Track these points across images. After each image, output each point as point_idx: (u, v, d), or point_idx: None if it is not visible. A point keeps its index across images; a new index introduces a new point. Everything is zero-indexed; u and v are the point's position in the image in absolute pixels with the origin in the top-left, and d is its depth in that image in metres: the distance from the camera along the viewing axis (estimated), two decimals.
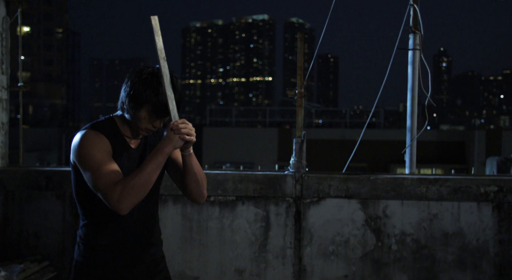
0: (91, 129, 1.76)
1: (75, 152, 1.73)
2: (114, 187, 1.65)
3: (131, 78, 1.75)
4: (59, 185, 3.10)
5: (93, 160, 1.69)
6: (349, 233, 3.00)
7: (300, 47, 3.08)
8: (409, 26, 3.07)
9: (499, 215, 2.91)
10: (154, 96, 1.71)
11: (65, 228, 3.11)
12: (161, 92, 1.70)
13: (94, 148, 1.70)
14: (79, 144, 1.73)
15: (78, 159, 1.72)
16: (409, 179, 2.94)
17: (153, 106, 1.72)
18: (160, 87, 1.71)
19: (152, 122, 1.76)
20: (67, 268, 3.10)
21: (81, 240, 1.83)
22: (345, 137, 19.23)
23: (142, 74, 1.74)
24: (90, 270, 1.80)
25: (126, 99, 1.75)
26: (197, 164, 1.85)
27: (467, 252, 2.92)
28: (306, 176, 3.02)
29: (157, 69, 1.75)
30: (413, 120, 3.10)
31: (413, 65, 3.06)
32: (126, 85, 1.76)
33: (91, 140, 1.72)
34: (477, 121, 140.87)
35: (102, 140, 1.74)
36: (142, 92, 1.71)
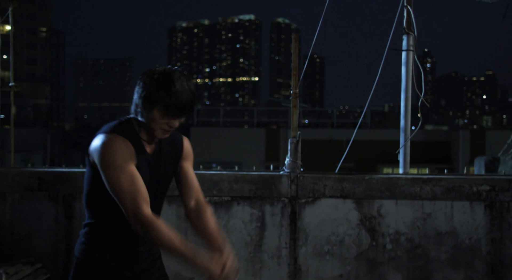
0: (116, 135, 1.73)
1: (100, 157, 1.71)
2: (142, 210, 1.67)
3: (143, 80, 1.75)
4: (52, 186, 3.06)
5: (121, 171, 1.68)
6: (344, 232, 3.02)
7: (295, 48, 3.09)
8: (403, 27, 3.10)
9: (491, 214, 2.95)
10: (167, 96, 1.70)
11: (58, 230, 3.07)
12: (173, 91, 1.69)
13: (122, 157, 1.69)
14: (105, 149, 1.70)
15: (102, 164, 1.70)
16: (403, 178, 2.97)
17: (165, 106, 1.71)
18: (172, 86, 1.70)
19: (167, 122, 1.75)
20: (60, 270, 3.06)
21: (84, 239, 1.83)
22: (332, 137, 19.34)
23: (153, 74, 1.73)
24: (91, 268, 1.80)
25: (139, 101, 1.74)
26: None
27: (460, 250, 2.96)
28: (301, 176, 3.03)
29: (169, 70, 1.74)
30: (407, 120, 3.13)
31: (406, 66, 3.09)
32: (139, 87, 1.76)
33: (118, 148, 1.70)
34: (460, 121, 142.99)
35: (128, 148, 1.72)
36: (154, 93, 1.70)
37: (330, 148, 18.79)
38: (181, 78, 1.72)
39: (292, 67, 3.14)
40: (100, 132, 1.78)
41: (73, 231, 3.07)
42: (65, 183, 3.05)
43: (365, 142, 18.58)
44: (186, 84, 1.72)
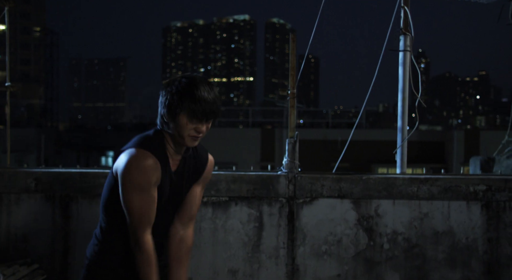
0: (147, 153, 1.72)
1: (123, 173, 1.72)
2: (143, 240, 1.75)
3: (166, 89, 1.75)
4: (49, 186, 3.04)
5: (140, 193, 1.71)
6: (341, 232, 3.03)
7: (292, 48, 3.10)
8: (400, 28, 3.12)
9: (488, 213, 2.97)
10: (191, 99, 1.70)
11: (55, 230, 3.06)
12: (197, 94, 1.70)
13: (146, 180, 1.71)
14: (132, 169, 1.70)
15: (125, 180, 1.72)
16: (401, 178, 2.98)
17: (191, 109, 1.70)
18: (195, 89, 1.70)
19: (195, 127, 1.74)
20: (57, 271, 3.05)
21: (98, 242, 1.85)
22: (327, 137, 19.38)
23: (175, 81, 1.74)
24: (103, 271, 1.82)
25: (164, 110, 1.74)
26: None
27: (457, 250, 2.98)
28: (299, 176, 3.03)
29: (189, 75, 1.75)
30: (404, 121, 3.14)
31: (404, 67, 3.10)
32: (162, 96, 1.76)
33: (145, 170, 1.70)
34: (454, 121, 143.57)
35: (154, 170, 1.72)
36: (178, 98, 1.71)
37: (325, 148, 18.83)
38: (202, 81, 1.73)
39: (289, 68, 3.14)
40: (130, 145, 1.76)
41: (70, 232, 3.05)
42: (62, 183, 3.03)
43: (360, 142, 18.63)
44: (208, 87, 1.73)
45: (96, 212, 3.04)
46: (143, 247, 1.74)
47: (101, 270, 1.82)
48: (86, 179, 3.03)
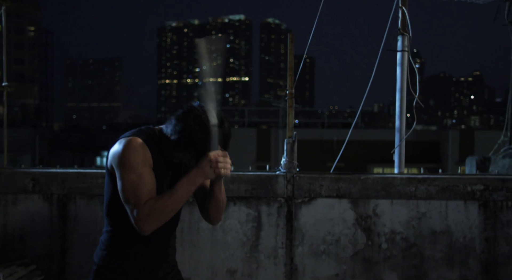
0: (136, 137, 1.74)
1: (116, 158, 1.73)
2: (143, 208, 1.65)
3: (185, 120, 1.71)
4: (47, 186, 3.03)
5: (133, 171, 1.69)
6: (340, 232, 3.03)
7: (291, 48, 3.10)
8: (398, 28, 3.12)
9: (485, 213, 2.98)
10: (201, 147, 1.69)
11: (53, 231, 3.04)
12: (207, 143, 1.68)
13: (137, 158, 1.70)
14: (122, 151, 1.72)
15: (118, 165, 1.71)
16: (399, 178, 2.99)
17: (196, 152, 1.71)
18: (207, 143, 1.67)
19: (188, 161, 1.77)
20: (54, 272, 3.04)
21: (104, 246, 1.83)
22: (323, 137, 19.40)
23: (193, 122, 1.70)
24: (112, 274, 1.80)
25: (173, 136, 1.73)
26: (223, 192, 1.86)
27: (455, 249, 2.99)
28: (297, 176, 3.03)
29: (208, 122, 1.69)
30: (402, 120, 3.15)
31: (401, 67, 3.11)
32: (179, 123, 1.71)
33: (134, 148, 1.71)
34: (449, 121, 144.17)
35: (145, 151, 1.73)
36: (191, 140, 1.69)
37: (321, 148, 18.85)
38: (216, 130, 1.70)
39: (287, 68, 3.14)
40: (120, 137, 1.79)
41: (68, 232, 3.04)
42: (60, 183, 3.02)
43: (356, 142, 18.65)
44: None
45: (94, 212, 3.03)
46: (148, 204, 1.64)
47: (110, 275, 1.81)
48: (84, 179, 3.02)
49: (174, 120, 1.74)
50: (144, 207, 1.65)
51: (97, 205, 3.03)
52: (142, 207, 1.65)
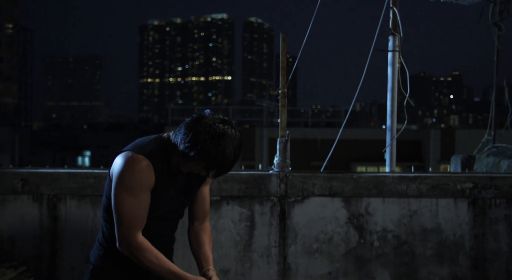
0: (141, 156, 1.70)
1: (117, 174, 1.71)
2: (132, 241, 1.70)
3: (196, 129, 1.64)
4: (36, 187, 2.98)
5: (131, 194, 1.69)
6: (332, 230, 3.05)
7: (283, 47, 3.11)
8: (389, 28, 3.16)
9: (474, 210, 3.04)
10: (212, 159, 1.64)
11: (43, 232, 2.99)
12: (221, 157, 1.63)
13: (137, 182, 1.68)
14: (124, 170, 1.69)
15: (117, 182, 1.70)
16: (390, 177, 3.03)
17: (206, 165, 1.67)
18: (222, 152, 1.62)
19: (197, 171, 1.73)
20: (44, 273, 2.99)
21: (101, 247, 1.82)
22: (307, 136, 19.49)
23: (210, 130, 1.63)
24: (107, 274, 1.78)
25: (181, 145, 1.67)
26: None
27: (445, 246, 3.04)
28: (290, 175, 3.05)
29: (225, 129, 1.64)
30: (393, 119, 3.19)
31: (392, 66, 3.15)
32: (186, 133, 1.65)
33: (137, 171, 1.68)
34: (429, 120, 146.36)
35: (148, 174, 1.70)
36: (201, 150, 1.63)
37: (305, 147, 18.93)
38: (233, 144, 1.65)
39: (280, 67, 3.15)
40: (126, 148, 1.75)
41: (58, 233, 3.00)
42: (50, 184, 2.97)
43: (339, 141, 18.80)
44: (234, 152, 1.66)
45: (85, 212, 2.99)
46: (140, 247, 1.70)
47: (105, 274, 1.80)
48: (75, 179, 2.97)
49: (183, 128, 1.68)
50: (133, 243, 1.70)
51: (89, 205, 2.99)
52: (131, 239, 1.70)
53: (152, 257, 1.70)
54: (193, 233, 1.99)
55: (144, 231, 1.78)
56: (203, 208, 1.99)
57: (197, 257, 1.93)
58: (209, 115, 1.67)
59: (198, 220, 2.00)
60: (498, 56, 5.23)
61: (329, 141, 3.85)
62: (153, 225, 1.81)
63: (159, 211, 1.80)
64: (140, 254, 1.70)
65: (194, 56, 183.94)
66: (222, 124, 1.65)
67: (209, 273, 1.86)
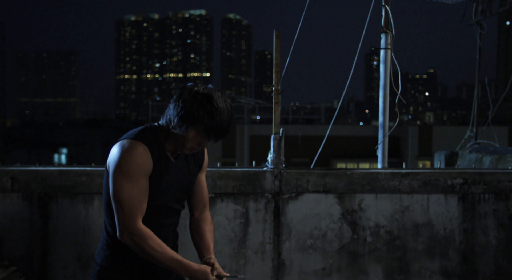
0: (137, 142, 1.69)
1: (113, 162, 1.69)
2: (133, 229, 1.67)
3: (183, 97, 1.68)
4: (26, 185, 2.91)
5: (130, 180, 1.66)
6: (326, 226, 3.08)
7: (276, 44, 3.11)
8: (381, 26, 3.19)
9: (464, 205, 3.11)
10: (207, 119, 1.65)
11: (33, 231, 2.93)
12: (215, 115, 1.65)
13: (135, 167, 1.67)
14: (121, 156, 1.68)
15: (115, 170, 1.68)
16: (383, 173, 3.07)
17: (205, 127, 1.67)
18: (214, 110, 1.65)
19: (199, 142, 1.73)
20: (35, 273, 2.93)
21: (107, 247, 1.78)
22: (287, 133, 19.58)
23: (196, 94, 1.67)
24: (115, 275, 1.75)
25: (175, 118, 1.69)
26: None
27: (436, 241, 3.10)
28: (285, 172, 3.06)
29: (211, 90, 1.68)
30: (385, 116, 3.23)
31: (385, 64, 3.18)
32: (177, 103, 1.68)
33: (134, 156, 1.67)
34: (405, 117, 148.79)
35: (145, 159, 1.69)
36: (194, 113, 1.65)
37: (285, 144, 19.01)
38: (223, 100, 1.68)
39: (273, 64, 3.15)
40: (121, 138, 1.74)
41: (50, 232, 2.94)
42: (41, 182, 2.91)
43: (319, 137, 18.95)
44: (227, 107, 1.68)
45: (77, 210, 2.95)
46: (143, 234, 1.67)
47: (113, 275, 1.76)
48: (66, 177, 2.92)
49: (171, 105, 1.71)
50: (136, 230, 1.67)
51: (81, 203, 2.94)
52: (133, 226, 1.67)
53: (155, 244, 1.67)
54: (194, 224, 1.98)
55: (146, 222, 1.75)
56: (202, 197, 1.99)
57: (198, 247, 1.93)
58: (190, 86, 1.71)
59: (198, 210, 2.00)
60: (480, 55, 5.35)
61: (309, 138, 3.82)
62: (155, 214, 1.78)
63: (160, 200, 1.78)
64: (143, 241, 1.67)
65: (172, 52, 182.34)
66: (205, 88, 1.70)
67: (210, 261, 1.86)
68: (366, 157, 20.04)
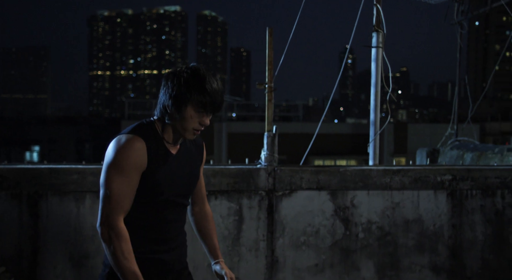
0: (134, 136, 1.68)
1: (108, 155, 1.68)
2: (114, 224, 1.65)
3: (170, 79, 1.70)
4: (15, 183, 2.84)
5: (122, 173, 1.65)
6: (319, 223, 3.11)
7: (270, 42, 3.11)
8: (373, 25, 3.23)
9: (452, 201, 3.18)
10: (199, 90, 1.67)
11: (22, 230, 2.86)
12: (206, 86, 1.67)
13: (129, 161, 1.66)
14: (117, 149, 1.67)
15: (108, 162, 1.67)
16: (375, 170, 3.12)
17: (199, 102, 1.68)
18: (204, 81, 1.67)
19: (200, 120, 1.72)
20: (25, 273, 2.86)
21: None
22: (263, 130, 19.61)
23: (181, 72, 1.70)
24: None
25: (169, 102, 1.70)
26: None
27: (425, 237, 3.17)
28: (278, 169, 3.07)
29: (194, 66, 1.72)
30: (376, 114, 3.27)
31: (376, 62, 3.23)
32: (166, 87, 1.71)
33: (129, 149, 1.66)
34: None
35: (139, 152, 1.67)
36: (186, 90, 1.67)
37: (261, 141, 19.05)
38: (208, 73, 1.72)
39: (266, 62, 3.15)
40: (120, 133, 1.73)
41: (40, 231, 2.87)
42: (31, 180, 2.84)
43: (296, 135, 19.05)
44: (215, 78, 1.72)
45: (68, 209, 2.89)
46: (121, 233, 1.65)
47: None
48: (57, 175, 2.85)
49: (161, 91, 1.73)
50: (116, 226, 1.65)
51: (72, 201, 2.88)
52: (115, 222, 1.65)
53: (126, 250, 1.64)
54: (195, 219, 2.02)
55: (153, 217, 1.74)
56: (200, 191, 2.01)
57: (204, 243, 2.03)
58: (173, 70, 1.74)
59: (198, 205, 2.02)
60: (461, 54, 5.48)
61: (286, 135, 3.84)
62: (160, 210, 1.76)
63: (164, 194, 1.75)
64: (118, 240, 1.64)
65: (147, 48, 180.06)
66: (187, 66, 1.73)
67: (219, 266, 1.93)
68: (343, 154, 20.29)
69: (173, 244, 1.82)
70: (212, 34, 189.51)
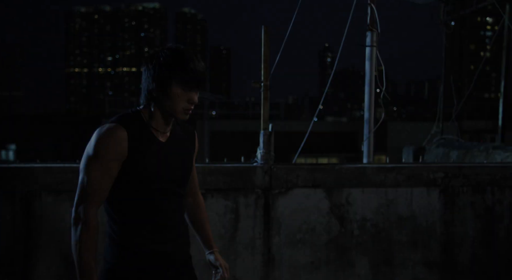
0: (116, 124, 1.67)
1: (89, 144, 1.68)
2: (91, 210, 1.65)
3: (149, 62, 1.71)
4: (8, 183, 2.78)
5: (100, 161, 1.65)
6: (315, 221, 3.13)
7: (266, 40, 3.11)
8: (367, 24, 3.26)
9: (445, 198, 3.25)
10: (181, 68, 1.67)
11: (15, 231, 2.80)
12: (187, 61, 1.67)
13: (109, 148, 1.65)
14: (98, 136, 1.67)
15: (89, 149, 1.67)
16: (370, 167, 3.15)
17: (183, 76, 1.67)
18: (184, 57, 1.67)
19: (188, 98, 1.71)
20: (18, 274, 2.80)
21: (114, 243, 1.71)
22: (248, 128, 19.61)
23: (159, 53, 1.70)
24: (125, 274, 1.68)
25: (153, 85, 1.69)
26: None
27: (419, 233, 3.22)
28: (275, 167, 3.07)
29: (172, 45, 1.72)
30: (371, 113, 3.31)
31: (370, 61, 3.26)
32: (148, 70, 1.71)
33: (110, 137, 1.65)
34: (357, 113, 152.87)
35: (119, 141, 1.66)
36: (167, 68, 1.67)
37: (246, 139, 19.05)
38: (186, 49, 1.72)
39: (262, 60, 3.15)
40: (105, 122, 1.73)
41: (33, 232, 2.81)
42: (24, 179, 2.78)
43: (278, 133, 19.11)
44: (193, 54, 1.71)
45: (62, 208, 2.84)
46: (91, 223, 1.63)
47: (124, 273, 1.70)
48: (51, 174, 2.80)
49: (143, 76, 1.73)
50: (87, 215, 1.64)
51: (66, 201, 2.84)
52: (88, 210, 1.64)
53: (90, 243, 1.62)
54: (189, 210, 2.01)
55: (148, 206, 1.71)
56: (193, 181, 2.01)
57: (197, 234, 2.03)
58: (151, 53, 1.74)
59: (191, 195, 2.01)
60: (446, 53, 5.58)
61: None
62: (156, 199, 1.74)
63: (157, 182, 1.73)
64: (84, 229, 1.62)
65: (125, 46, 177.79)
66: (164, 47, 1.74)
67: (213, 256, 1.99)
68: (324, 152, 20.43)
69: (172, 234, 1.78)
70: (191, 31, 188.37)
